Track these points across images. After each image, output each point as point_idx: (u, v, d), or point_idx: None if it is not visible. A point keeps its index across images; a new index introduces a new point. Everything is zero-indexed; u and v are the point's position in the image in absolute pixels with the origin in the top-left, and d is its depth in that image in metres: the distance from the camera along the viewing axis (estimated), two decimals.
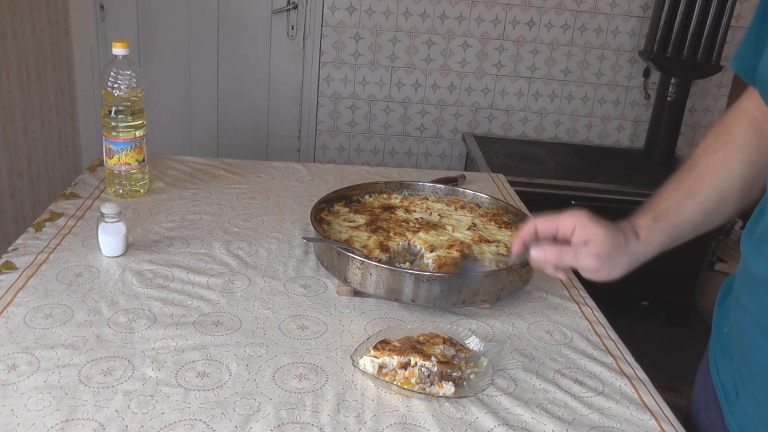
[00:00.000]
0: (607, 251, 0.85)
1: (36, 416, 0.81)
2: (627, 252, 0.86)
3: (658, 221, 0.88)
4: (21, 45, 2.37)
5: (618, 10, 3.09)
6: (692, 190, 0.90)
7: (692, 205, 0.89)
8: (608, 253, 0.85)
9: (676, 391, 2.55)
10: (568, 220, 0.87)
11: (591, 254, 0.85)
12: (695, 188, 0.90)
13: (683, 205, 0.89)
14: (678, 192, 0.90)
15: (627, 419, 0.91)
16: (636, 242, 0.87)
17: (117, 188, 1.46)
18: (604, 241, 0.85)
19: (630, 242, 0.86)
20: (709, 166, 0.91)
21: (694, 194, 0.90)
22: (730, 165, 0.91)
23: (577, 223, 0.86)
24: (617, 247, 0.85)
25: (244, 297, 1.12)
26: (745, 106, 0.96)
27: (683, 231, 0.89)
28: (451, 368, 0.93)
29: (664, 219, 0.88)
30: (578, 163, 2.99)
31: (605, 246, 0.85)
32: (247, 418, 0.84)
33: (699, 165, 0.92)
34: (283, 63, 3.12)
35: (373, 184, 1.45)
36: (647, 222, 0.88)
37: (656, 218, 0.88)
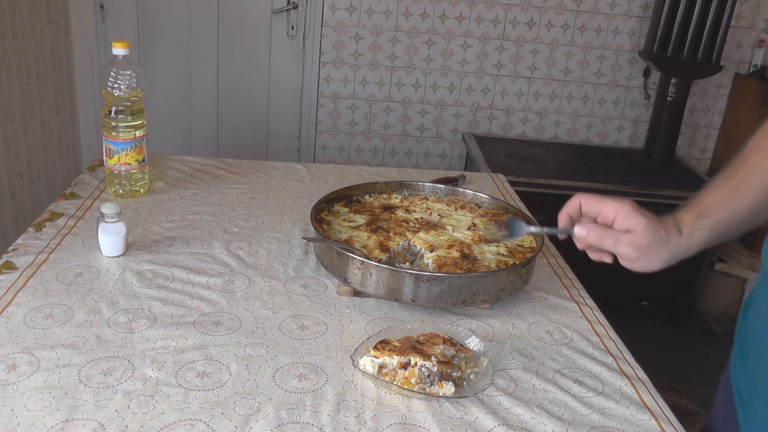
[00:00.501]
0: (647, 243, 0.84)
1: (36, 416, 0.81)
2: (667, 247, 0.85)
3: (702, 218, 0.87)
4: (21, 45, 2.37)
5: (618, 10, 3.09)
6: (739, 187, 0.88)
7: (738, 202, 0.87)
8: (648, 246, 0.85)
9: (676, 391, 2.55)
10: (611, 205, 0.87)
11: (631, 243, 0.85)
12: (742, 186, 0.88)
13: (728, 203, 0.87)
14: (724, 189, 0.89)
15: (627, 419, 0.91)
16: (678, 237, 0.86)
17: (117, 188, 1.46)
18: (645, 233, 0.84)
19: (671, 237, 0.85)
20: (757, 164, 0.89)
21: (741, 192, 0.88)
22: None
23: (619, 210, 0.86)
24: (658, 241, 0.85)
25: (244, 297, 1.12)
26: None
27: (728, 229, 0.88)
28: (451, 368, 0.93)
29: (709, 216, 0.87)
30: (578, 163, 2.99)
31: (645, 238, 0.84)
32: (247, 418, 0.84)
33: (746, 162, 0.89)
34: (283, 63, 3.12)
35: (373, 184, 1.45)
36: (691, 218, 0.87)
37: (700, 215, 0.87)
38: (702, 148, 3.37)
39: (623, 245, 0.85)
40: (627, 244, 0.85)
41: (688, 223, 0.87)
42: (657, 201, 2.74)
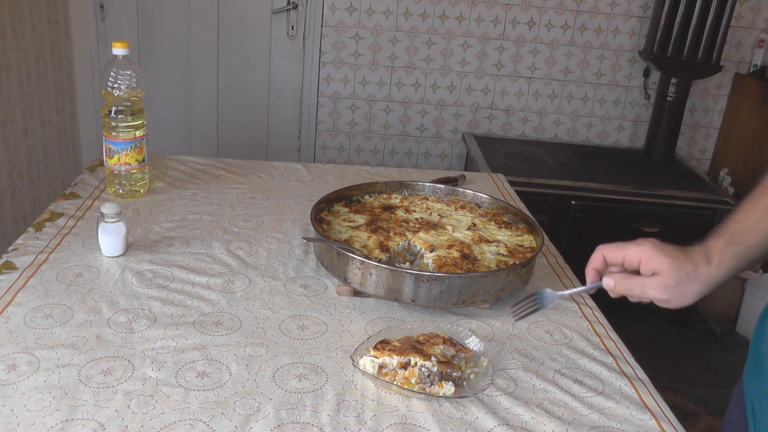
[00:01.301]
0: (674, 282, 0.84)
1: (36, 416, 0.81)
2: (697, 280, 0.84)
3: (732, 245, 0.85)
4: (21, 45, 2.37)
5: (618, 10, 3.09)
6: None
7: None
8: (676, 284, 0.84)
9: (676, 391, 2.56)
10: (633, 250, 0.86)
11: (658, 287, 0.84)
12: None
13: (759, 226, 0.86)
14: (753, 212, 0.87)
15: (627, 419, 0.91)
16: (707, 268, 0.84)
17: (117, 188, 1.46)
18: (671, 273, 0.83)
19: (699, 269, 0.84)
20: None
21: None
22: None
23: (642, 254, 0.85)
24: (685, 277, 0.84)
25: (244, 297, 1.12)
26: None
27: (760, 252, 0.86)
28: (451, 368, 0.93)
29: (739, 242, 0.85)
30: (578, 163, 2.99)
31: (671, 278, 0.83)
32: (247, 418, 0.84)
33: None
34: (283, 63, 3.12)
35: (373, 184, 1.45)
36: (720, 246, 0.85)
37: (730, 242, 0.86)
38: (702, 148, 3.37)
39: (650, 290, 0.85)
40: (654, 288, 0.84)
41: (718, 251, 0.85)
42: (657, 201, 2.75)
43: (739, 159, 3.14)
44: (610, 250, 0.88)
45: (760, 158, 2.98)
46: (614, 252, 0.88)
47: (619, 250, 0.87)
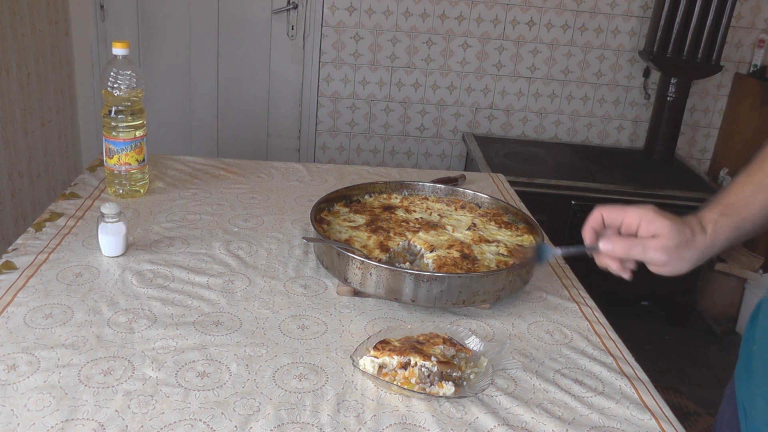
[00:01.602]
0: (674, 244, 0.84)
1: (36, 416, 0.81)
2: (694, 246, 0.84)
3: (726, 215, 0.86)
4: (21, 45, 2.37)
5: (618, 10, 3.09)
6: (763, 183, 0.86)
7: (763, 198, 0.86)
8: (676, 247, 0.84)
9: (676, 391, 2.56)
10: (633, 213, 0.86)
11: (659, 247, 0.84)
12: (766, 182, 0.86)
13: (753, 199, 0.86)
14: (748, 185, 0.87)
15: (627, 419, 0.91)
16: (702, 237, 0.85)
17: (117, 188, 1.46)
18: (671, 235, 0.83)
19: (696, 236, 0.84)
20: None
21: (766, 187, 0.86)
22: None
23: (642, 217, 0.85)
24: (684, 241, 0.84)
25: (244, 297, 1.12)
26: None
27: (753, 225, 0.87)
28: (451, 368, 0.93)
29: (732, 213, 0.86)
30: (578, 163, 2.99)
31: (672, 239, 0.83)
32: (247, 418, 0.84)
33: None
34: (283, 63, 3.12)
35: (373, 184, 1.45)
36: (714, 216, 0.86)
37: (724, 212, 0.86)
38: (702, 148, 3.37)
39: (651, 250, 0.84)
40: (655, 248, 0.84)
41: (712, 221, 0.86)
42: (657, 201, 2.74)
43: (739, 159, 3.14)
44: (609, 211, 0.88)
45: None
46: (614, 213, 0.88)
47: (619, 212, 0.87)
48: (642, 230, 0.86)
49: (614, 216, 0.88)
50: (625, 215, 0.87)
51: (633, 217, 0.86)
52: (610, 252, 0.87)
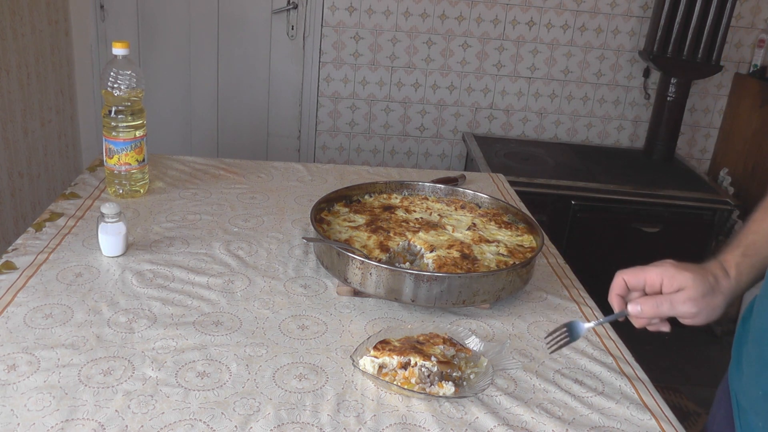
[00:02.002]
0: (700, 294, 0.84)
1: (36, 416, 0.81)
2: (720, 291, 0.85)
3: (747, 256, 0.86)
4: (21, 45, 2.37)
5: (618, 10, 3.09)
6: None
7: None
8: (702, 296, 0.84)
9: (676, 391, 2.56)
10: (654, 272, 0.86)
11: (687, 300, 0.84)
12: None
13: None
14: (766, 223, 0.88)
15: (627, 419, 0.91)
16: (727, 281, 0.85)
17: (117, 188, 1.46)
18: (696, 285, 0.84)
19: (720, 282, 0.85)
20: None
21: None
22: None
23: (664, 274, 0.86)
24: (710, 288, 0.84)
25: (244, 297, 1.12)
26: None
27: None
28: (451, 368, 0.93)
29: (754, 253, 0.86)
30: (578, 163, 2.99)
31: (698, 290, 0.84)
32: (247, 418, 0.84)
33: None
34: (283, 63, 3.12)
35: (373, 184, 1.45)
36: (736, 258, 0.86)
37: (745, 253, 0.86)
38: (702, 148, 3.37)
39: (679, 305, 0.85)
40: (683, 302, 0.85)
41: (734, 264, 0.86)
42: (657, 201, 2.75)
43: (739, 159, 3.14)
44: (630, 274, 0.88)
45: (760, 158, 2.98)
46: (635, 275, 0.88)
47: (640, 273, 0.88)
48: (666, 287, 0.86)
49: (635, 278, 0.88)
50: (646, 275, 0.87)
51: (654, 275, 0.86)
52: (639, 314, 0.88)
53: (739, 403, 0.91)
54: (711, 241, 2.89)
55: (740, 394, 0.91)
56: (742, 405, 0.90)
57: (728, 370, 0.99)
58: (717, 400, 1.01)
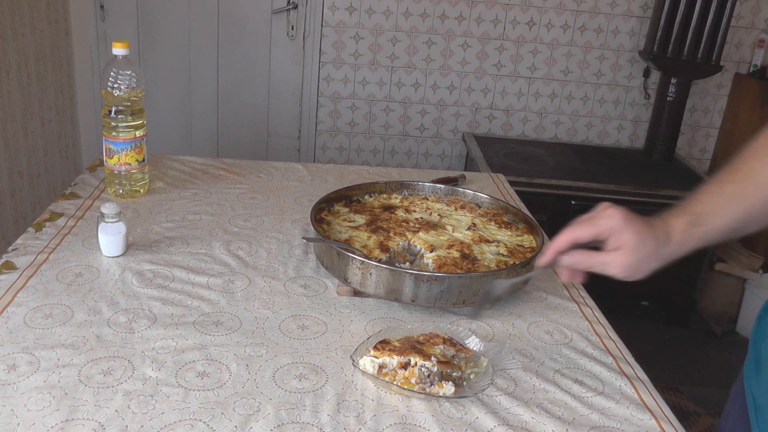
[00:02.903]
0: (636, 261, 0.84)
1: (36, 416, 0.81)
2: (657, 258, 0.85)
3: (695, 225, 0.86)
4: (21, 45, 2.37)
5: (618, 10, 3.09)
6: (734, 196, 0.86)
7: (732, 211, 0.86)
8: (637, 263, 0.84)
9: (676, 391, 2.56)
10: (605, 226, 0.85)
11: (619, 265, 0.84)
12: (737, 195, 0.86)
13: (722, 211, 0.86)
14: (718, 196, 0.87)
15: (627, 419, 0.91)
16: (667, 246, 0.85)
17: (117, 188, 1.46)
18: (636, 249, 0.84)
19: (660, 249, 0.85)
20: (755, 172, 0.86)
21: (736, 200, 0.86)
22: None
23: (612, 230, 0.85)
24: (646, 256, 0.84)
25: (244, 297, 1.12)
26: None
27: (719, 235, 0.87)
28: (451, 368, 0.93)
29: (701, 223, 0.86)
30: (578, 163, 2.99)
31: (635, 256, 0.84)
32: (247, 418, 0.84)
33: (744, 169, 0.87)
34: (283, 63, 3.12)
35: (373, 184, 1.45)
36: (683, 225, 0.86)
37: (693, 222, 0.86)
38: (702, 148, 3.37)
39: (612, 267, 0.85)
40: (615, 267, 0.85)
41: (680, 231, 0.86)
42: (657, 201, 2.74)
43: None
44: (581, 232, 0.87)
45: None
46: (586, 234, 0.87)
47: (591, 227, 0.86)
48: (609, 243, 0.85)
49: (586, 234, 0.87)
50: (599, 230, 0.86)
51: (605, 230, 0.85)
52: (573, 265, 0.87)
53: (757, 403, 0.90)
54: None
55: (758, 394, 0.90)
56: (760, 404, 0.89)
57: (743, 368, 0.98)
58: (731, 398, 1.01)
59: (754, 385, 0.92)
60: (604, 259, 0.85)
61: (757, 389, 0.91)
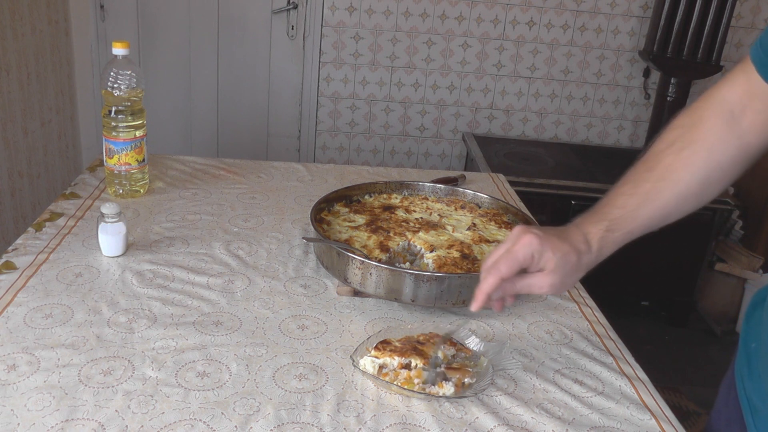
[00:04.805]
0: (560, 278, 0.84)
1: (36, 416, 0.81)
2: (579, 269, 0.86)
3: (612, 231, 0.86)
4: (21, 45, 2.37)
5: (618, 10, 3.09)
6: (650, 195, 0.86)
7: (648, 211, 0.86)
8: (561, 280, 0.85)
9: (676, 391, 2.56)
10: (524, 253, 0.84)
11: (546, 285, 0.85)
12: (653, 194, 0.86)
13: (639, 212, 0.86)
14: (634, 198, 0.87)
15: (627, 419, 0.91)
16: (588, 255, 0.85)
17: (117, 188, 1.46)
18: (557, 269, 0.84)
19: (582, 259, 0.85)
20: (671, 168, 0.87)
21: (652, 200, 0.86)
22: (693, 166, 0.87)
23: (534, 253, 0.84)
24: (570, 270, 0.85)
25: (244, 297, 1.12)
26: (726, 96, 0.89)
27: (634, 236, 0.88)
28: (462, 374, 0.92)
29: (618, 228, 0.86)
30: (578, 163, 2.99)
31: (559, 274, 0.84)
32: (247, 418, 0.84)
33: (659, 166, 0.87)
34: (283, 63, 3.12)
35: (373, 184, 1.45)
36: (600, 233, 0.86)
37: (610, 228, 0.86)
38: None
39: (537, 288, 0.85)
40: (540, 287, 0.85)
41: (598, 238, 0.86)
42: None
43: None
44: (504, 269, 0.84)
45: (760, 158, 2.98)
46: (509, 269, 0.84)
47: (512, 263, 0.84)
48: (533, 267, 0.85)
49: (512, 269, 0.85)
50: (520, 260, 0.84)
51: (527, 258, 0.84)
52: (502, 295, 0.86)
53: (752, 404, 0.90)
54: (711, 241, 2.89)
55: (753, 394, 0.90)
56: (756, 405, 0.89)
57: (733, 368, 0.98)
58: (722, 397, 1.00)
59: (748, 386, 0.92)
60: (530, 282, 0.85)
61: (751, 390, 0.91)
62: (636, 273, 2.70)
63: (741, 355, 0.96)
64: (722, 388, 1.01)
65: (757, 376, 0.89)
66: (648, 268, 2.78)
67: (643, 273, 2.77)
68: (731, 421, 0.95)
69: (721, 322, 3.03)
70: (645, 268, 2.75)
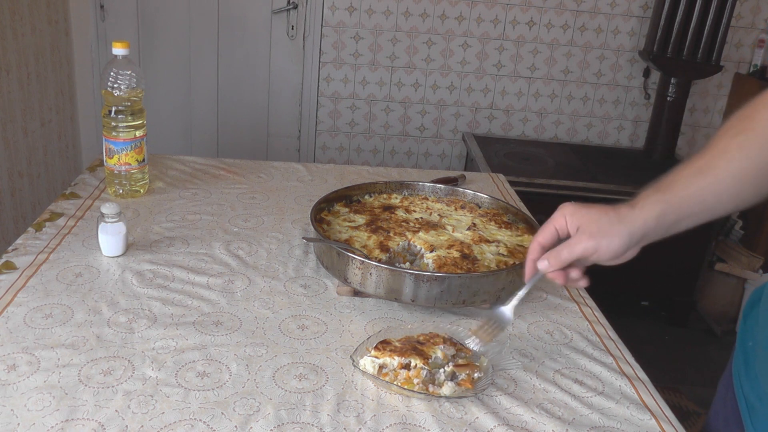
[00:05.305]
0: (596, 228, 0.84)
1: (36, 416, 0.81)
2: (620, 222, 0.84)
3: (658, 191, 0.85)
4: (21, 45, 2.37)
5: (618, 10, 3.09)
6: (703, 169, 0.85)
7: (701, 182, 0.85)
8: (598, 230, 0.84)
9: (676, 391, 2.55)
10: (558, 217, 0.87)
11: (582, 238, 0.84)
12: (706, 168, 0.85)
13: (690, 181, 0.85)
14: (687, 169, 0.86)
15: (627, 419, 0.91)
16: (630, 211, 0.84)
17: (117, 188, 1.46)
18: (592, 221, 0.84)
19: (621, 212, 0.84)
20: (725, 149, 0.85)
21: (705, 173, 0.85)
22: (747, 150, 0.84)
23: (566, 215, 0.86)
24: (608, 223, 0.84)
25: (244, 297, 1.12)
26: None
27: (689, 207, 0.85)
28: (471, 369, 0.92)
29: (666, 190, 0.85)
30: (578, 163, 2.99)
31: (594, 224, 0.84)
32: (247, 418, 0.84)
33: (714, 147, 0.86)
34: (283, 63, 3.12)
35: (373, 184, 1.45)
36: (647, 193, 0.85)
37: (657, 188, 0.85)
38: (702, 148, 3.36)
39: (576, 245, 0.85)
40: (578, 241, 0.85)
41: (643, 197, 0.85)
42: None
43: None
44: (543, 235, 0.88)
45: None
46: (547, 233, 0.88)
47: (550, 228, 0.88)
48: (569, 227, 0.86)
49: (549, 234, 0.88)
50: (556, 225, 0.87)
51: (560, 221, 0.87)
52: (547, 268, 0.88)
53: (750, 403, 0.89)
54: (711, 241, 2.89)
55: (750, 394, 0.90)
56: (753, 405, 0.88)
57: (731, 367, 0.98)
58: (720, 396, 1.00)
59: (745, 385, 0.92)
60: (568, 241, 0.86)
61: (748, 389, 0.91)
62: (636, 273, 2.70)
63: (738, 354, 0.96)
64: (720, 388, 1.01)
65: (754, 375, 0.89)
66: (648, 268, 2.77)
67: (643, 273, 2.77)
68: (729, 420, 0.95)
69: (721, 322, 3.03)
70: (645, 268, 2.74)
